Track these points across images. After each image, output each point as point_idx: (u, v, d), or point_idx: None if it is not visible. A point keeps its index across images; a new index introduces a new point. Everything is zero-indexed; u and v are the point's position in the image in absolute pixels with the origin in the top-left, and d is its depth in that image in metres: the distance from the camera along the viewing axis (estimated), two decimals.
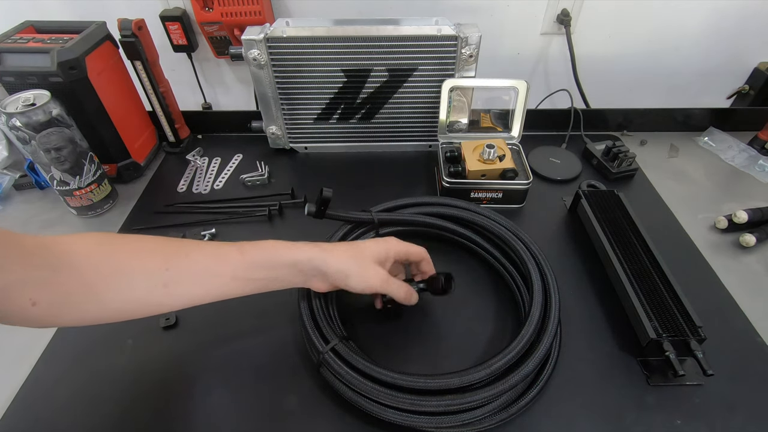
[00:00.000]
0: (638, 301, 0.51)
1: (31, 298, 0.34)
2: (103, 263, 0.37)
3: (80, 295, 0.36)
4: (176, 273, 0.40)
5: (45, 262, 0.35)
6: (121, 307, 0.39)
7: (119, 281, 0.38)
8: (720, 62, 0.93)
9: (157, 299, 0.40)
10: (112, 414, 0.46)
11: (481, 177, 0.67)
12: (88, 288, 0.36)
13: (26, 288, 0.34)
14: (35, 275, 0.34)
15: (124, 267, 0.38)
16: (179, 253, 0.40)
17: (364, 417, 0.44)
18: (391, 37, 0.67)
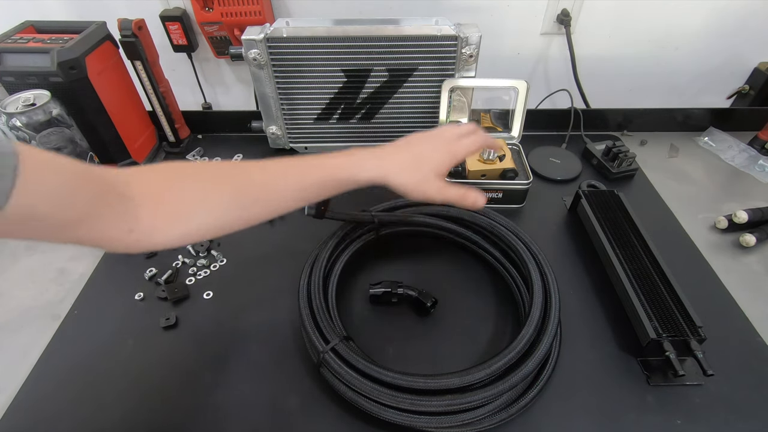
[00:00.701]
0: (638, 301, 0.51)
1: (128, 227, 0.37)
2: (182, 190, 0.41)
3: (168, 219, 0.39)
4: (247, 199, 0.43)
5: (130, 191, 0.38)
6: (205, 231, 0.42)
7: (199, 208, 0.41)
8: (720, 62, 0.93)
9: (233, 222, 0.43)
10: (113, 414, 0.47)
11: (481, 177, 0.67)
12: (172, 212, 0.40)
13: (118, 218, 0.37)
14: (124, 206, 0.37)
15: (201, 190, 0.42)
16: (248, 180, 0.43)
17: (364, 417, 0.44)
18: (391, 37, 0.67)
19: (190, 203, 0.41)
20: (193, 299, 0.57)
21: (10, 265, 0.63)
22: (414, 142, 0.48)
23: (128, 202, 0.37)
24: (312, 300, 0.51)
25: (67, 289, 0.60)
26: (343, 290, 0.57)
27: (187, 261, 0.62)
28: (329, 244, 0.57)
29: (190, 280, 0.59)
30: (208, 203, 0.42)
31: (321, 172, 0.44)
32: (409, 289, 0.54)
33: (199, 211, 0.41)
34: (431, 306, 0.53)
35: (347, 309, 0.55)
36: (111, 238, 0.38)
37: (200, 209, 0.41)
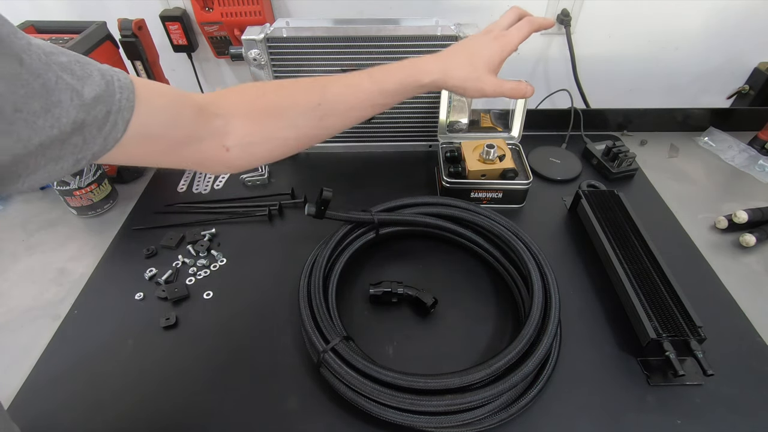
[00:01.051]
0: (638, 301, 0.51)
1: (224, 145, 0.41)
2: (270, 107, 0.44)
3: (257, 136, 0.43)
4: (326, 107, 0.46)
5: (221, 112, 0.41)
6: (290, 142, 0.46)
7: (281, 121, 0.44)
8: (720, 62, 0.93)
9: (315, 131, 0.46)
10: (113, 413, 0.47)
11: (481, 177, 0.67)
12: (261, 131, 0.43)
13: (215, 137, 0.41)
14: (218, 125, 0.41)
15: (282, 108, 0.45)
16: (324, 90, 0.46)
17: (364, 417, 0.44)
18: (391, 37, 0.67)
19: (276, 117, 0.44)
20: (193, 299, 0.57)
21: (10, 265, 0.63)
22: (466, 43, 0.51)
23: (221, 120, 0.41)
24: (312, 300, 0.51)
25: (67, 289, 0.60)
26: (343, 290, 0.57)
27: (187, 261, 0.62)
28: (329, 244, 0.57)
29: (190, 280, 0.59)
30: (292, 115, 0.45)
31: (390, 80, 0.47)
32: (409, 289, 0.54)
33: (283, 123, 0.44)
34: (431, 306, 0.53)
35: (347, 309, 0.55)
36: (212, 157, 0.41)
37: (285, 121, 0.44)
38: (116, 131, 0.32)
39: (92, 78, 0.30)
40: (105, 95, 0.30)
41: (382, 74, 0.47)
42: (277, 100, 0.45)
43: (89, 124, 0.30)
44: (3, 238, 0.67)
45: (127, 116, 0.32)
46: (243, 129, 0.42)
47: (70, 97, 0.28)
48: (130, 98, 0.32)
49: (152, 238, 0.65)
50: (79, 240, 0.67)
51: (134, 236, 0.66)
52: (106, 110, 0.30)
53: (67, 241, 0.66)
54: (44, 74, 0.27)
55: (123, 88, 0.32)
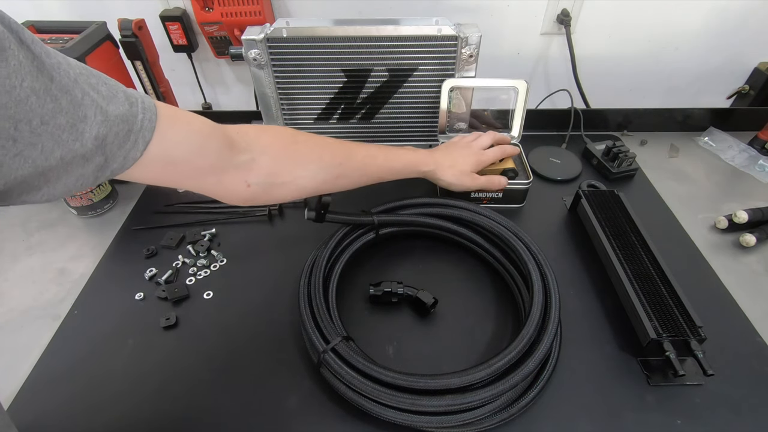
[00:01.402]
0: (638, 301, 0.51)
1: (246, 181, 0.44)
2: (299, 155, 0.48)
3: (279, 178, 0.46)
4: (345, 169, 0.52)
5: (250, 149, 0.44)
6: (306, 191, 0.50)
7: (304, 170, 0.48)
8: (720, 62, 0.93)
9: (329, 186, 0.52)
10: (112, 413, 0.47)
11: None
12: (284, 172, 0.47)
13: (239, 172, 0.43)
14: (243, 160, 0.43)
15: (308, 159, 0.49)
16: (349, 154, 0.53)
17: (364, 417, 0.44)
18: (391, 37, 0.67)
19: (301, 166, 0.48)
20: (193, 299, 0.57)
21: (10, 265, 0.63)
22: (452, 150, 0.64)
23: (248, 156, 0.43)
24: (312, 300, 0.51)
25: (67, 289, 0.60)
26: (343, 290, 0.57)
27: (187, 261, 0.62)
28: (329, 244, 0.57)
29: (190, 280, 0.59)
30: (314, 168, 0.49)
31: (400, 161, 0.58)
32: (409, 289, 0.54)
33: (306, 173, 0.48)
34: (431, 306, 0.53)
35: (347, 309, 0.55)
36: (232, 190, 0.44)
37: (307, 172, 0.48)
38: (136, 150, 0.33)
39: (117, 98, 0.32)
40: (128, 115, 0.32)
41: (394, 155, 0.58)
42: (306, 151, 0.49)
43: (110, 141, 0.31)
44: (3, 238, 0.67)
45: (148, 137, 0.33)
46: (267, 169, 0.45)
47: (95, 113, 0.29)
48: (152, 120, 0.34)
49: (152, 238, 0.65)
50: (79, 240, 0.67)
51: (134, 236, 0.66)
52: (128, 129, 0.32)
53: (67, 241, 0.66)
54: (72, 91, 0.28)
55: (146, 110, 0.33)
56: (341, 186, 0.53)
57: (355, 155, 0.53)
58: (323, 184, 0.51)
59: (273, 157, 0.46)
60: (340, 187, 0.53)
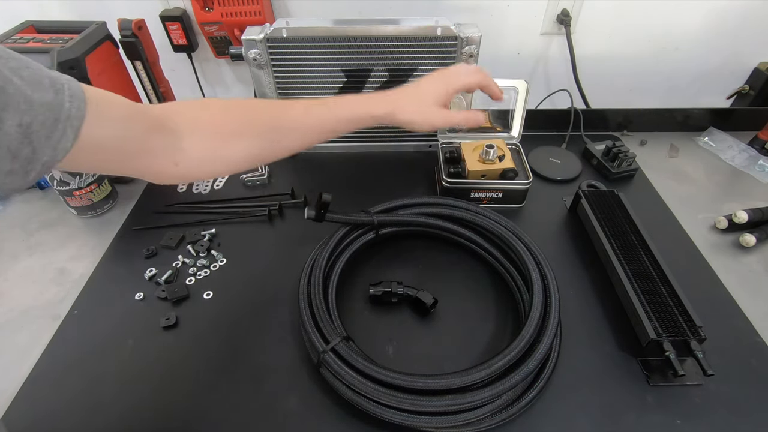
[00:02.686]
0: (638, 301, 0.51)
1: (175, 161, 0.41)
2: (227, 129, 0.44)
3: (210, 154, 0.43)
4: (282, 131, 0.48)
5: (177, 128, 0.41)
6: (244, 161, 0.46)
7: (240, 143, 0.45)
8: (720, 62, 0.93)
9: (269, 152, 0.48)
10: (112, 413, 0.47)
11: (481, 177, 0.67)
12: (215, 150, 0.43)
13: (168, 153, 0.41)
14: (171, 140, 0.40)
15: (241, 128, 0.45)
16: (280, 113, 0.48)
17: (364, 417, 0.44)
18: (391, 37, 0.67)
19: (234, 138, 0.44)
20: (193, 299, 0.57)
21: (10, 265, 0.63)
22: (416, 83, 0.53)
23: (174, 135, 0.41)
24: (312, 300, 0.51)
25: (67, 289, 0.59)
26: (343, 290, 0.57)
27: (187, 261, 0.62)
28: (329, 244, 0.57)
29: (190, 280, 0.59)
30: (248, 137, 0.45)
31: (347, 109, 0.50)
32: (409, 289, 0.54)
33: (240, 145, 0.45)
34: (431, 306, 0.53)
35: (347, 309, 0.55)
36: (160, 171, 0.41)
37: (241, 143, 0.45)
38: (66, 140, 0.31)
39: (42, 84, 0.30)
40: (54, 103, 0.30)
41: (338, 104, 0.51)
42: (237, 121, 0.45)
43: (37, 130, 0.29)
44: (3, 238, 0.67)
45: (77, 125, 0.31)
46: (197, 146, 0.42)
47: (17, 101, 0.27)
48: (81, 107, 0.32)
49: (152, 238, 0.65)
50: (79, 240, 0.67)
51: (134, 236, 0.66)
52: (54, 118, 0.30)
53: (67, 241, 0.66)
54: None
55: (73, 97, 0.31)
56: (285, 148, 0.49)
57: (290, 113, 0.48)
58: (262, 151, 0.47)
59: (203, 134, 0.43)
60: (284, 149, 0.48)
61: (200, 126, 0.43)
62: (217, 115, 0.45)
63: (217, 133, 0.44)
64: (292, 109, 0.48)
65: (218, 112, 0.45)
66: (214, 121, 0.44)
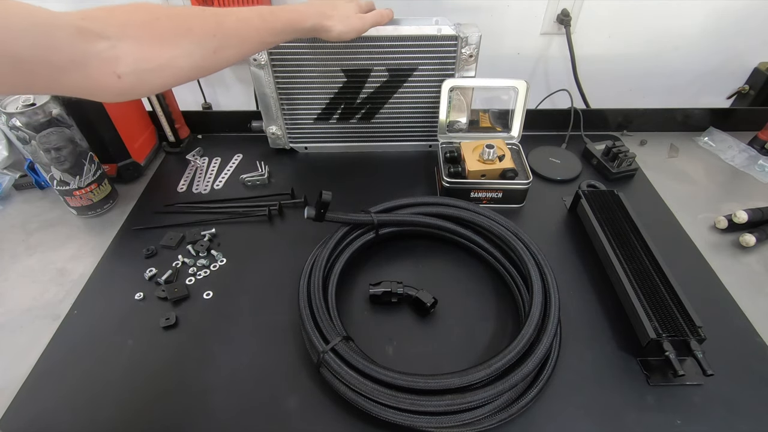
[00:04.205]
0: (638, 301, 0.51)
1: (115, 72, 0.38)
2: (165, 34, 0.41)
3: (152, 63, 0.40)
4: (220, 39, 0.46)
5: (104, 32, 0.37)
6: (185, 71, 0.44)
7: (176, 49, 0.42)
8: (720, 62, 0.93)
9: (209, 62, 0.46)
10: (112, 414, 0.47)
11: (481, 177, 0.67)
12: (155, 57, 0.40)
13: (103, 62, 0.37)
14: (104, 46, 0.37)
15: (176, 36, 0.42)
16: (219, 22, 0.46)
17: (364, 417, 0.44)
18: (391, 37, 0.67)
19: (171, 44, 0.42)
20: (193, 299, 0.57)
21: (10, 265, 0.63)
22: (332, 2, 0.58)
23: (107, 43, 0.37)
24: (312, 300, 0.51)
25: (67, 289, 0.60)
26: (343, 290, 0.57)
27: (187, 261, 0.62)
28: (329, 244, 0.57)
29: (190, 280, 0.59)
30: (186, 44, 0.43)
31: (279, 21, 0.52)
32: (409, 289, 0.54)
33: (179, 51, 0.42)
34: (431, 306, 0.53)
35: (347, 309, 0.55)
36: (102, 85, 0.38)
37: (180, 50, 0.42)
38: None
39: None
40: None
41: (270, 14, 0.51)
42: (172, 28, 0.42)
43: None
44: (3, 238, 0.67)
45: None
46: (135, 54, 0.39)
47: None
48: None
49: (152, 238, 0.65)
50: (79, 240, 0.67)
51: (134, 236, 0.66)
52: None
53: (67, 241, 0.66)
54: None
55: None
56: (224, 59, 0.47)
57: (227, 21, 0.47)
58: (202, 61, 0.45)
59: (136, 39, 0.39)
60: (222, 60, 0.47)
61: (134, 32, 0.39)
62: (150, 20, 0.41)
63: (153, 37, 0.40)
64: (229, 18, 0.47)
65: (150, 16, 0.41)
66: (148, 26, 0.41)
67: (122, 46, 0.38)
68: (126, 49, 0.38)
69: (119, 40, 0.38)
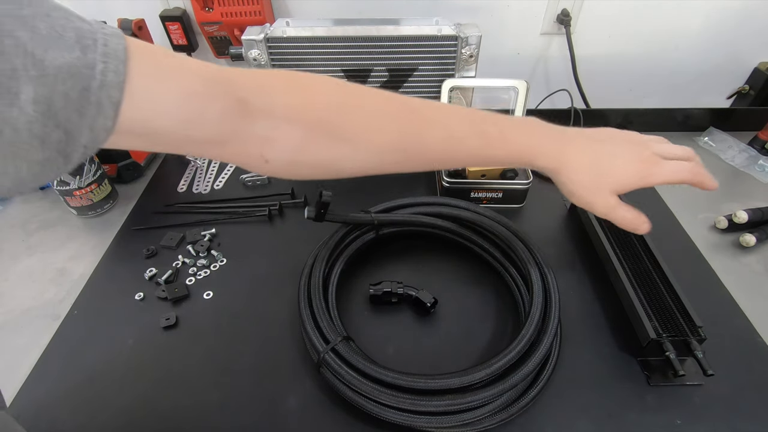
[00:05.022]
0: (638, 301, 0.51)
1: (263, 155, 0.32)
2: (340, 126, 0.33)
3: (309, 156, 0.33)
4: (410, 154, 0.36)
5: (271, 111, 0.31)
6: (343, 173, 0.36)
7: (348, 151, 0.34)
8: (720, 62, 0.93)
9: (376, 171, 0.37)
10: (112, 414, 0.46)
11: (481, 177, 0.67)
12: (320, 150, 0.33)
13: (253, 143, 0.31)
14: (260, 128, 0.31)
15: (356, 137, 0.34)
16: (419, 133, 0.36)
17: (364, 417, 0.44)
18: (391, 37, 0.67)
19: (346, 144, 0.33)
20: (193, 299, 0.57)
21: (10, 265, 0.63)
22: (607, 141, 0.41)
23: (269, 124, 0.31)
24: (312, 300, 0.51)
25: (67, 289, 0.59)
26: (343, 290, 0.57)
27: (187, 261, 0.62)
28: (329, 244, 0.57)
29: (190, 280, 0.59)
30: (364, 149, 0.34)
31: (506, 148, 0.38)
32: (409, 289, 0.54)
33: (350, 153, 0.34)
34: (431, 306, 0.53)
35: (347, 309, 0.55)
36: (245, 163, 0.33)
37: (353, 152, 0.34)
38: (104, 117, 0.23)
39: (63, 39, 0.22)
40: (79, 65, 0.22)
41: (498, 136, 0.38)
42: (359, 124, 0.34)
43: (60, 107, 0.21)
44: (3, 238, 0.67)
45: (116, 96, 0.23)
46: (296, 143, 0.32)
47: (24, 64, 0.20)
48: (119, 71, 0.23)
49: (152, 238, 0.65)
50: (79, 240, 0.67)
51: (134, 236, 0.66)
52: (82, 86, 0.22)
53: (67, 241, 0.66)
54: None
55: (109, 56, 0.23)
56: (394, 171, 0.37)
57: (432, 135, 0.36)
58: (370, 170, 0.36)
59: (307, 126, 0.32)
60: (394, 170, 0.37)
61: (308, 114, 0.32)
62: (337, 108, 0.33)
63: (330, 130, 0.33)
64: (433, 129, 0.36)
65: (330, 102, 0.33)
66: (328, 111, 0.33)
67: (286, 130, 0.31)
68: (288, 134, 0.32)
69: (287, 122, 0.31)
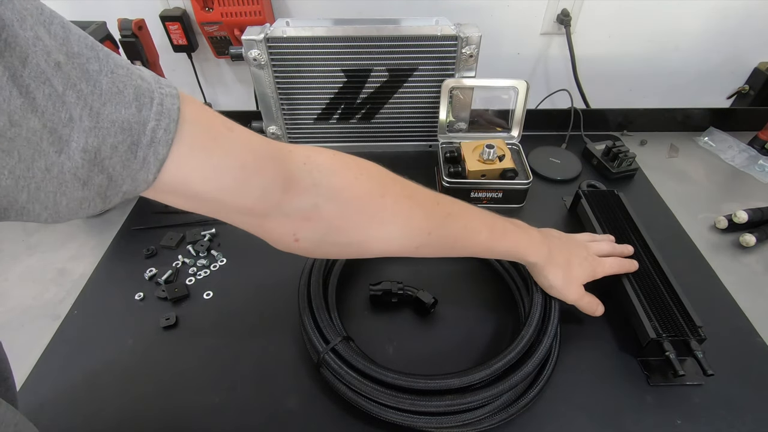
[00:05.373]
0: (638, 301, 0.51)
1: (295, 233, 0.33)
2: (375, 211, 0.35)
3: (343, 236, 0.34)
4: (433, 239, 0.39)
5: (315, 189, 0.32)
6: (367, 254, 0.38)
7: (380, 232, 0.36)
8: (720, 62, 0.93)
9: (399, 254, 0.39)
10: (112, 414, 0.47)
11: (481, 177, 0.67)
12: (353, 231, 0.34)
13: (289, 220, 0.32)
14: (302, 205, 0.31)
15: (390, 220, 0.36)
16: (442, 220, 0.39)
17: (364, 417, 0.44)
18: (391, 37, 0.67)
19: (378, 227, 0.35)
20: (193, 299, 0.57)
21: (10, 265, 0.63)
22: (565, 243, 0.51)
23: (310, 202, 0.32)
24: (312, 300, 0.51)
25: (67, 289, 0.60)
26: (343, 290, 0.57)
27: (187, 261, 0.62)
28: None
29: (190, 280, 0.59)
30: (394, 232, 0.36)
31: (505, 243, 0.45)
32: (409, 289, 0.54)
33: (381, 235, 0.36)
34: (431, 306, 0.53)
35: (347, 309, 0.55)
36: (274, 239, 0.34)
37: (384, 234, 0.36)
38: (146, 171, 0.24)
39: (122, 95, 0.23)
40: (133, 121, 0.23)
41: (500, 232, 0.44)
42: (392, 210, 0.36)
43: (107, 156, 0.23)
44: (3, 238, 0.67)
45: (162, 154, 0.24)
46: (332, 224, 0.33)
47: (80, 116, 0.21)
48: (169, 129, 0.24)
49: (152, 238, 0.65)
50: (79, 240, 0.67)
51: (134, 236, 0.66)
52: (131, 141, 0.23)
53: (67, 241, 0.66)
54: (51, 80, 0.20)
55: (162, 115, 0.24)
56: (417, 255, 0.40)
57: (453, 225, 0.40)
58: (395, 251, 0.38)
59: (344, 208, 0.33)
60: (411, 255, 0.40)
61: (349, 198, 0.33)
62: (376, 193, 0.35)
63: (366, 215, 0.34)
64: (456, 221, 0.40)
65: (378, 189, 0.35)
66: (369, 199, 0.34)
67: (324, 209, 0.32)
68: (325, 214, 0.32)
69: (327, 201, 0.32)
